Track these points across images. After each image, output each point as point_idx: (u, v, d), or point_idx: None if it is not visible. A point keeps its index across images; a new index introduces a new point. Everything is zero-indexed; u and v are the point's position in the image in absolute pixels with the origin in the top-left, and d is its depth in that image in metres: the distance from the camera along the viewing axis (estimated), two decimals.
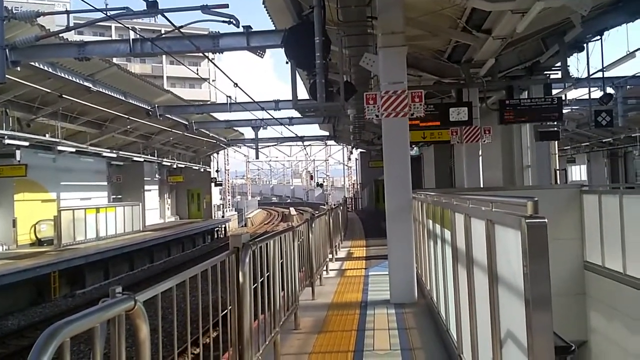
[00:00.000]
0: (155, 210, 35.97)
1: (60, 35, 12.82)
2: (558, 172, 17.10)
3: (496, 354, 3.08)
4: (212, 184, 41.74)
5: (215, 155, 44.65)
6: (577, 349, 9.18)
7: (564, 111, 14.82)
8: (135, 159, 29.17)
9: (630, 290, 7.78)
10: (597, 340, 9.31)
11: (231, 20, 10.54)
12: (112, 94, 19.10)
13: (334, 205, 16.35)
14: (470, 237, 3.79)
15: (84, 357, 10.94)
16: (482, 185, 14.56)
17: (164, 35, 13.51)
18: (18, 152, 18.81)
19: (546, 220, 2.35)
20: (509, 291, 2.83)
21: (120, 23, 12.90)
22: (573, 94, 20.48)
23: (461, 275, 4.23)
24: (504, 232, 2.85)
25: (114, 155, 26.81)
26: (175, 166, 35.72)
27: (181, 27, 11.06)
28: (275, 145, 45.83)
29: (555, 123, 14.19)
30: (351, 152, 47.92)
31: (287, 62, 10.06)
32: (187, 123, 26.90)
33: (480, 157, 14.86)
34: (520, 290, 2.50)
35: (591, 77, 14.43)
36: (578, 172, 42.48)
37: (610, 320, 8.80)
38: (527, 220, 2.38)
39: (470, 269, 3.81)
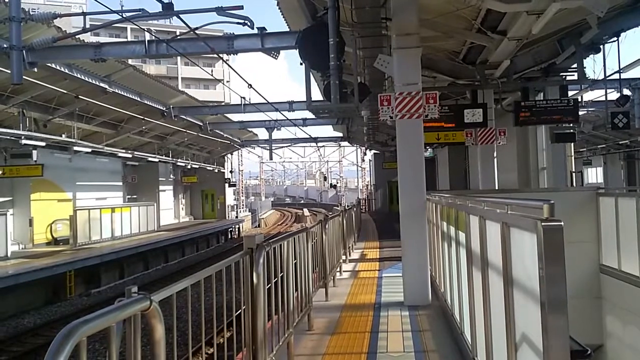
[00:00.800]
0: (169, 210, 36.20)
1: (77, 36, 12.95)
2: (574, 174, 16.93)
3: (511, 357, 3.06)
4: (226, 185, 41.90)
5: (229, 155, 44.83)
6: (593, 352, 9.11)
7: (580, 113, 14.68)
8: (150, 159, 29.37)
9: None
10: (613, 344, 9.22)
11: (246, 21, 10.59)
12: (128, 95, 19.27)
13: (348, 206, 16.33)
14: (485, 239, 3.77)
15: (99, 356, 11.04)
16: (497, 187, 14.48)
17: (179, 37, 13.56)
18: (35, 152, 19.02)
19: (562, 223, 2.34)
20: (525, 294, 2.81)
21: (135, 25, 12.99)
22: (589, 96, 20.33)
23: (476, 277, 4.21)
24: (520, 235, 2.84)
25: (129, 156, 27.02)
26: (189, 167, 35.93)
27: (196, 28, 11.12)
28: (289, 146, 45.98)
29: (571, 125, 14.07)
30: (365, 153, 47.86)
31: (301, 64, 10.06)
32: (201, 124, 27.04)
33: (495, 159, 14.78)
34: (535, 293, 2.48)
35: (608, 78, 14.28)
36: (594, 175, 42.08)
37: (626, 324, 8.71)
38: (543, 223, 2.36)
39: (485, 271, 3.79)
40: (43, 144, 19.15)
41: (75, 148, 21.69)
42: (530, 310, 2.61)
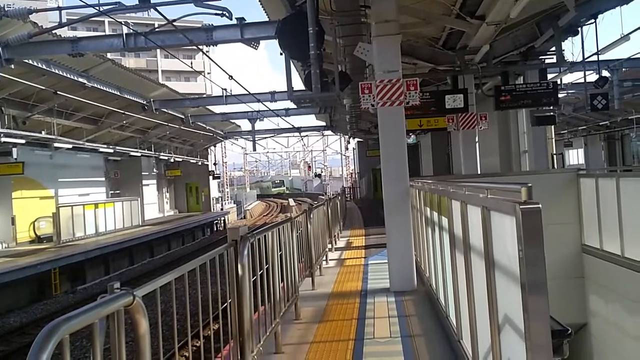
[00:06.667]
0: (153, 204, 36.01)
1: (54, 31, 12.77)
2: (555, 156, 17.10)
3: (494, 339, 3.11)
4: (210, 177, 41.75)
5: (212, 148, 44.63)
6: (577, 331, 9.26)
7: (560, 95, 14.77)
8: (132, 154, 29.16)
9: (629, 272, 7.83)
10: (596, 322, 9.37)
11: (224, 12, 10.51)
12: (107, 90, 19.07)
13: (333, 195, 16.37)
14: (467, 224, 3.80)
15: (87, 352, 11.00)
16: (479, 172, 14.57)
17: (157, 29, 13.43)
18: (14, 150, 18.79)
19: (540, 205, 2.36)
20: (506, 277, 2.84)
21: (112, 18, 12.85)
22: (568, 78, 20.44)
23: (459, 261, 4.25)
24: (500, 219, 2.87)
25: (111, 151, 26.79)
26: (172, 160, 35.72)
27: (174, 20, 11.01)
28: (272, 136, 45.86)
29: (551, 107, 14.17)
30: (348, 142, 47.86)
31: (281, 54, 10.01)
32: (183, 117, 26.88)
33: (477, 144, 14.87)
34: (516, 275, 2.51)
35: (586, 60, 14.36)
36: (575, 156, 42.52)
37: (609, 302, 8.85)
38: (521, 206, 2.39)
39: (468, 255, 3.83)
40: (23, 141, 18.92)
41: (56, 144, 21.44)
42: (511, 292, 2.65)
